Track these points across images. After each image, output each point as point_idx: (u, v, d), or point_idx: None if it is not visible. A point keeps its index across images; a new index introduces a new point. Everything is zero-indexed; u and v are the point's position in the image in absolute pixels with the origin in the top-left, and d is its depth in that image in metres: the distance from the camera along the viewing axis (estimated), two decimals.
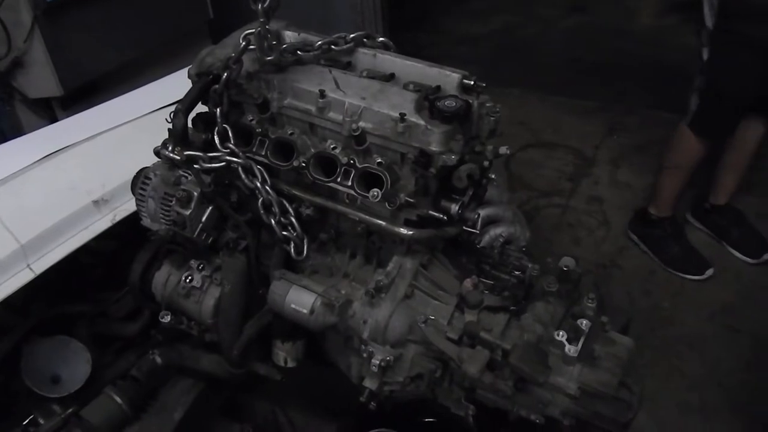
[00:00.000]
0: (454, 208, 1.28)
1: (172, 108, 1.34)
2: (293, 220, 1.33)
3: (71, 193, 1.64)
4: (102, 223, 1.64)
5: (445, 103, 1.22)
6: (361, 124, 1.24)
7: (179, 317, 1.46)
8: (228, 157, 1.30)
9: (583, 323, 1.28)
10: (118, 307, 1.81)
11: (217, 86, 1.31)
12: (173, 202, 1.29)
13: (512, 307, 1.31)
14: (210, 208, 1.33)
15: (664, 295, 2.22)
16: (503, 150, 1.30)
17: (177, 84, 2.03)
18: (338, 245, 1.42)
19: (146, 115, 1.88)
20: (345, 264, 1.41)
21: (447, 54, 3.39)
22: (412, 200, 1.24)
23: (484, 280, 1.36)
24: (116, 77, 2.84)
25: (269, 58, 1.29)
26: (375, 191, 1.21)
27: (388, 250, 1.37)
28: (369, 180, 1.27)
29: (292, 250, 1.34)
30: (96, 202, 1.65)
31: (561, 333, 1.26)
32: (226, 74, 1.30)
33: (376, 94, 1.27)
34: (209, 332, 1.46)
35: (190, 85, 1.36)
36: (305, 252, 1.35)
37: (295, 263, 1.39)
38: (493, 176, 1.36)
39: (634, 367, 1.29)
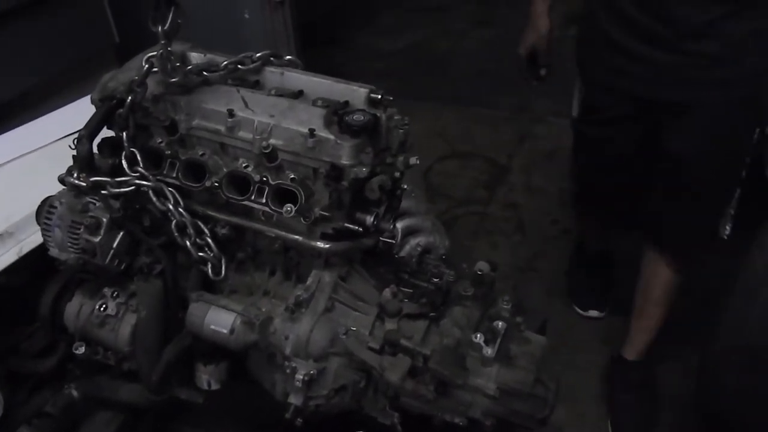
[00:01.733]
0: (369, 219, 1.30)
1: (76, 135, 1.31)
2: (209, 240, 1.32)
3: None
4: (8, 256, 1.58)
5: (354, 117, 1.25)
6: (272, 141, 1.26)
7: (94, 347, 1.42)
8: (137, 181, 1.28)
9: (499, 324, 1.33)
10: (30, 342, 1.74)
11: (121, 110, 1.29)
12: (81, 230, 1.26)
13: (431, 314, 1.34)
14: (121, 233, 1.30)
15: None
16: (413, 161, 1.34)
17: (82, 111, 1.98)
18: (256, 263, 1.42)
19: (50, 143, 1.82)
20: (265, 281, 1.41)
21: (362, 70, 3.43)
22: (327, 214, 1.26)
23: (403, 288, 1.38)
24: (18, 105, 2.73)
25: (174, 80, 1.28)
26: (288, 207, 1.22)
27: (306, 265, 1.38)
28: (283, 196, 1.28)
29: (210, 270, 1.33)
30: (0, 235, 1.58)
31: (478, 335, 1.31)
32: (130, 98, 1.29)
33: (284, 111, 1.28)
34: (127, 361, 1.42)
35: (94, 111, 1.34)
36: (223, 272, 1.35)
37: (214, 284, 1.38)
38: (406, 186, 1.39)
39: (549, 364, 1.35)
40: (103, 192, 1.26)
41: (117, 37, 2.80)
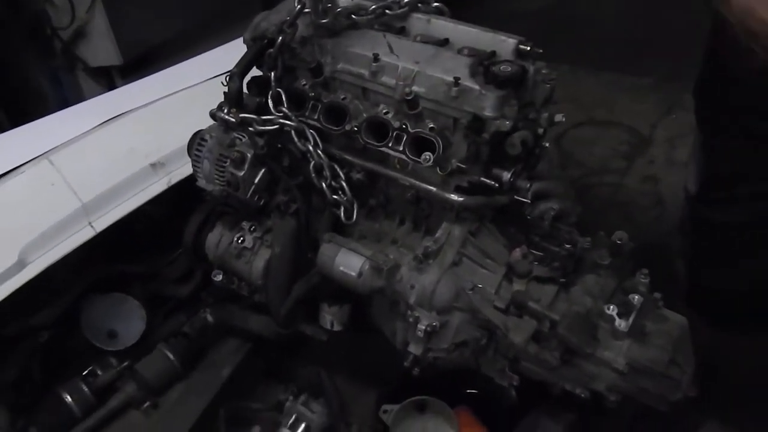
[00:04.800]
0: (506, 175, 1.26)
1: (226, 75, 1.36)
2: (344, 184, 1.34)
3: (130, 156, 1.70)
4: (158, 185, 1.69)
5: (501, 68, 1.20)
6: (414, 88, 1.24)
7: (230, 277, 1.49)
8: (281, 120, 1.31)
9: (635, 298, 1.26)
10: (171, 269, 1.87)
11: (271, 50, 1.32)
12: (227, 163, 1.32)
13: (561, 279, 1.29)
14: (262, 170, 1.35)
15: None
16: (559, 118, 1.28)
17: (231, 53, 2.06)
18: (387, 211, 1.43)
19: (201, 83, 1.92)
20: (393, 230, 1.42)
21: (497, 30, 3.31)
22: (463, 166, 1.23)
23: (533, 251, 1.34)
24: (173, 46, 2.90)
25: (323, 21, 1.29)
26: (427, 155, 1.21)
27: (437, 217, 1.36)
28: (420, 145, 1.26)
29: (342, 214, 1.35)
30: (153, 165, 1.70)
31: (611, 307, 1.24)
32: (280, 38, 1.31)
33: (429, 58, 1.26)
34: (258, 293, 1.49)
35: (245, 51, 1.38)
36: (355, 216, 1.36)
37: (345, 227, 1.40)
38: (547, 144, 1.33)
39: (687, 345, 1.26)
40: (249, 129, 1.30)
41: None
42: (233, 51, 1.45)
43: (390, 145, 1.28)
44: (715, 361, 1.60)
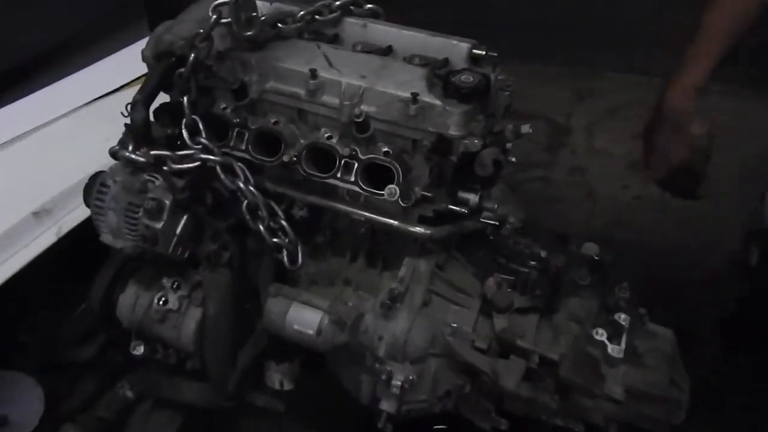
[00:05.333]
0: (474, 198, 1.11)
1: (114, 95, 1.10)
2: (284, 223, 1.13)
3: (6, 203, 1.39)
4: (45, 237, 1.40)
5: (461, 78, 1.04)
6: (364, 107, 1.05)
7: (153, 345, 1.24)
8: (202, 156, 1.08)
9: (621, 317, 1.15)
10: (70, 330, 1.58)
11: (182, 70, 1.09)
12: (140, 214, 1.07)
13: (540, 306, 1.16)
14: (185, 217, 1.11)
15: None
16: (525, 129, 1.14)
17: (118, 66, 1.78)
18: (335, 247, 1.23)
19: (87, 104, 1.62)
20: (345, 268, 1.22)
21: (404, 20, 3.16)
22: (429, 194, 1.06)
23: (503, 275, 1.20)
24: (40, 63, 2.51)
25: (248, 33, 1.07)
26: (392, 188, 1.03)
27: (395, 250, 1.19)
28: (374, 173, 1.08)
29: (285, 258, 1.14)
30: (37, 214, 1.40)
31: (599, 331, 1.13)
32: (193, 55, 1.08)
33: (377, 71, 1.08)
34: (191, 359, 1.25)
35: (138, 68, 1.13)
36: (300, 260, 1.16)
37: (289, 273, 1.19)
38: (513, 159, 1.19)
39: (679, 360, 1.17)
40: (164, 168, 1.06)
41: None
42: (119, 63, 1.21)
43: (338, 175, 1.09)
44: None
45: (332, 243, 1.23)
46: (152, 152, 1.06)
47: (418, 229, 1.09)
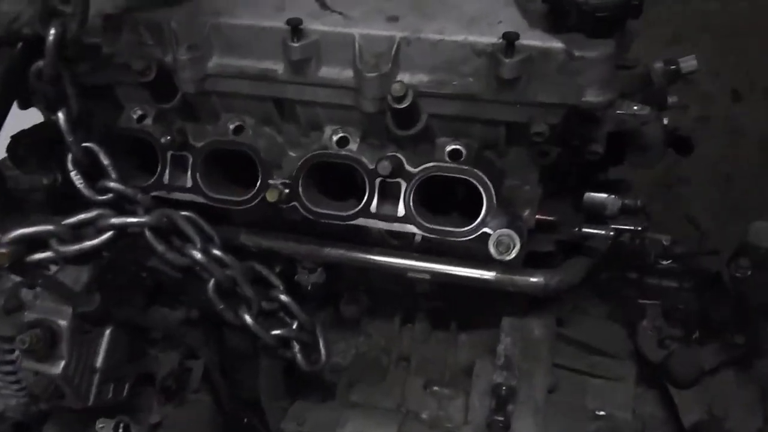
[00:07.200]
0: (614, 202, 0.62)
1: None
2: (286, 299, 0.64)
3: None
4: None
5: None
6: (404, 77, 0.54)
7: None
8: (115, 220, 0.56)
9: None
10: None
11: (40, 63, 0.55)
12: (15, 357, 0.55)
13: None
14: (107, 333, 0.60)
15: None
16: (690, 64, 0.64)
17: None
18: (374, 317, 0.74)
19: None
20: (395, 343, 0.74)
21: None
22: (552, 219, 0.57)
23: (648, 301, 0.73)
24: None
25: None
26: (502, 235, 0.53)
27: (477, 305, 0.70)
28: (425, 192, 0.59)
29: (299, 356, 0.65)
30: None
31: None
32: (53, 30, 0.54)
33: (417, 2, 0.56)
34: None
35: None
36: (324, 355, 0.66)
37: (301, 378, 0.70)
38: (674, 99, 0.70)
39: None
40: (43, 269, 0.53)
41: None
42: None
43: (372, 207, 0.59)
44: None
45: (371, 311, 0.74)
46: (11, 235, 0.53)
47: (534, 279, 0.60)
